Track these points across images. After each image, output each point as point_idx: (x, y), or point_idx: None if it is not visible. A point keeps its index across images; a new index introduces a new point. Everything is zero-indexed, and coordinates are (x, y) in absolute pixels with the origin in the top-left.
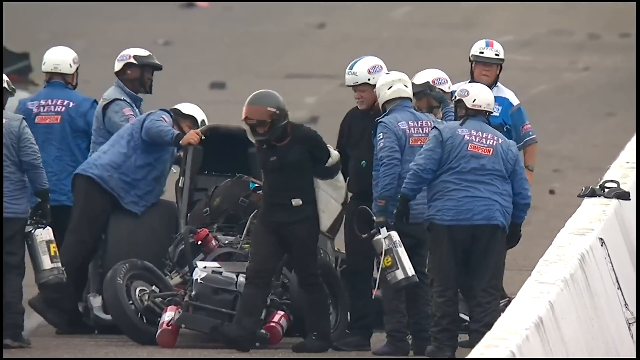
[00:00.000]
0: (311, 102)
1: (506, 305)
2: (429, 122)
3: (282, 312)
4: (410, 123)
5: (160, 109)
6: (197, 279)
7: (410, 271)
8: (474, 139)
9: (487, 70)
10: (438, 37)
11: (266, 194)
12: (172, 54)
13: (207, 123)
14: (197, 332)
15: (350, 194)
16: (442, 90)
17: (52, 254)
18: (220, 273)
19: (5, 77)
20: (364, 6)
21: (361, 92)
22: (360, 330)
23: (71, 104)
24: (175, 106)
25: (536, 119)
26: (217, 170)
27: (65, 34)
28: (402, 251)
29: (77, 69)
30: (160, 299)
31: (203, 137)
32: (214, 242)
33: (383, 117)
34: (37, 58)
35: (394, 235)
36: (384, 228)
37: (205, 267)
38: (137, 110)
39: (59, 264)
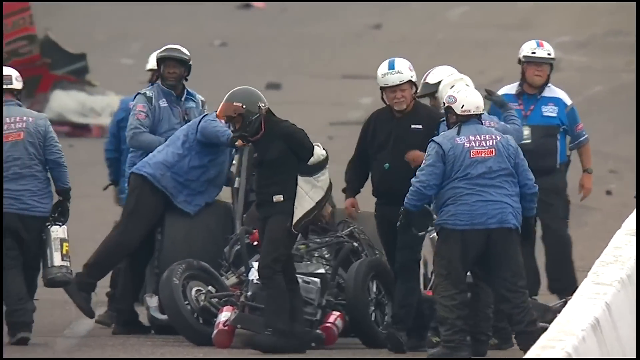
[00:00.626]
0: (367, 103)
1: (562, 306)
2: (491, 123)
3: (338, 313)
4: None
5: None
6: (252, 280)
7: None
8: (474, 145)
9: (539, 71)
10: (494, 37)
11: (254, 190)
12: (229, 55)
13: None
14: (253, 333)
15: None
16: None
17: (64, 252)
18: None
19: (14, 73)
20: (420, 7)
21: (402, 91)
22: (416, 331)
23: None
24: None
25: (593, 120)
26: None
27: (122, 35)
28: None
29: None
30: (216, 300)
31: None
32: None
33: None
34: (94, 59)
35: None
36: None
37: None
38: (164, 105)
39: (69, 264)
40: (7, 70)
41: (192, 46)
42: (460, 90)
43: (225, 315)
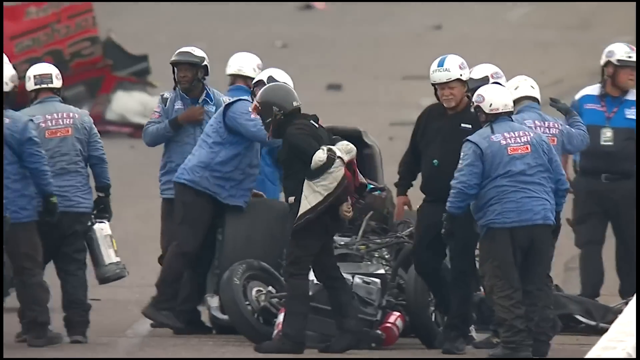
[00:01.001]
0: (427, 103)
1: (623, 307)
2: (556, 124)
3: (398, 313)
4: (536, 122)
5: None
6: (313, 280)
7: None
8: (510, 142)
9: (632, 75)
10: (554, 38)
11: None
12: (290, 56)
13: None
14: (312, 332)
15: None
16: (499, 83)
17: (115, 248)
18: None
19: (54, 71)
20: (481, 8)
21: (451, 89)
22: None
23: None
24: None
25: None
26: None
27: (184, 36)
28: None
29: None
30: (276, 300)
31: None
32: None
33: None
34: (156, 60)
35: None
36: None
37: None
38: (179, 107)
39: (119, 259)
40: (47, 69)
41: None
42: (489, 89)
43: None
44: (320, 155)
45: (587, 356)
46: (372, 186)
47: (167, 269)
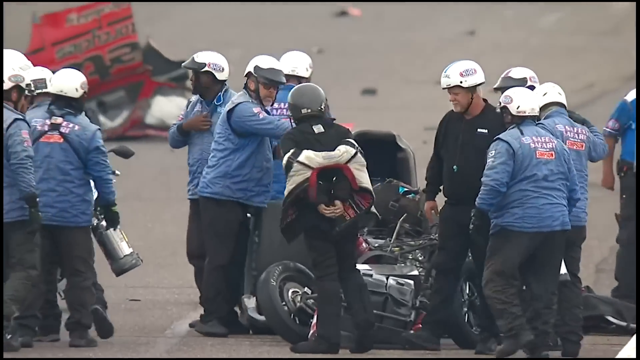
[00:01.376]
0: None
1: None
2: (584, 130)
3: None
4: (566, 127)
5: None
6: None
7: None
8: (538, 146)
9: None
10: (586, 44)
11: None
12: (325, 61)
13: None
14: (347, 333)
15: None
16: (533, 87)
17: (126, 239)
18: (371, 275)
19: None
20: (514, 13)
21: (455, 94)
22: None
23: None
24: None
25: None
26: None
27: (221, 42)
28: None
29: (311, 74)
30: (312, 301)
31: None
32: (364, 245)
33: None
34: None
35: None
36: None
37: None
38: (197, 109)
39: (132, 249)
40: (41, 73)
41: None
42: (517, 92)
43: None
44: (284, 159)
45: (618, 356)
46: (405, 189)
47: (206, 286)
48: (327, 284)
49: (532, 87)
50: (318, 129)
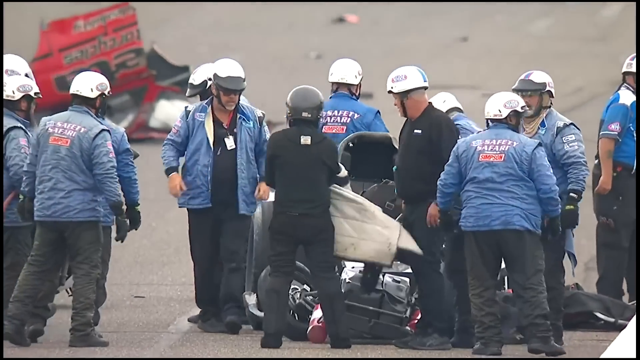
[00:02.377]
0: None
1: None
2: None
3: None
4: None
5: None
6: (345, 279)
7: None
8: (486, 149)
9: None
10: (575, 50)
11: None
12: (324, 67)
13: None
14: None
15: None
16: (551, 92)
17: None
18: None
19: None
20: (506, 20)
21: (395, 99)
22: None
23: (356, 115)
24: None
25: None
26: (364, 176)
27: (223, 47)
28: None
29: (361, 79)
30: (311, 297)
31: None
32: None
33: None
34: None
35: None
36: None
37: (353, 267)
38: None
39: None
40: (25, 80)
41: (290, 58)
42: (491, 95)
43: (319, 312)
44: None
45: (605, 352)
46: None
47: (197, 284)
48: (325, 285)
49: (550, 93)
50: (305, 140)
